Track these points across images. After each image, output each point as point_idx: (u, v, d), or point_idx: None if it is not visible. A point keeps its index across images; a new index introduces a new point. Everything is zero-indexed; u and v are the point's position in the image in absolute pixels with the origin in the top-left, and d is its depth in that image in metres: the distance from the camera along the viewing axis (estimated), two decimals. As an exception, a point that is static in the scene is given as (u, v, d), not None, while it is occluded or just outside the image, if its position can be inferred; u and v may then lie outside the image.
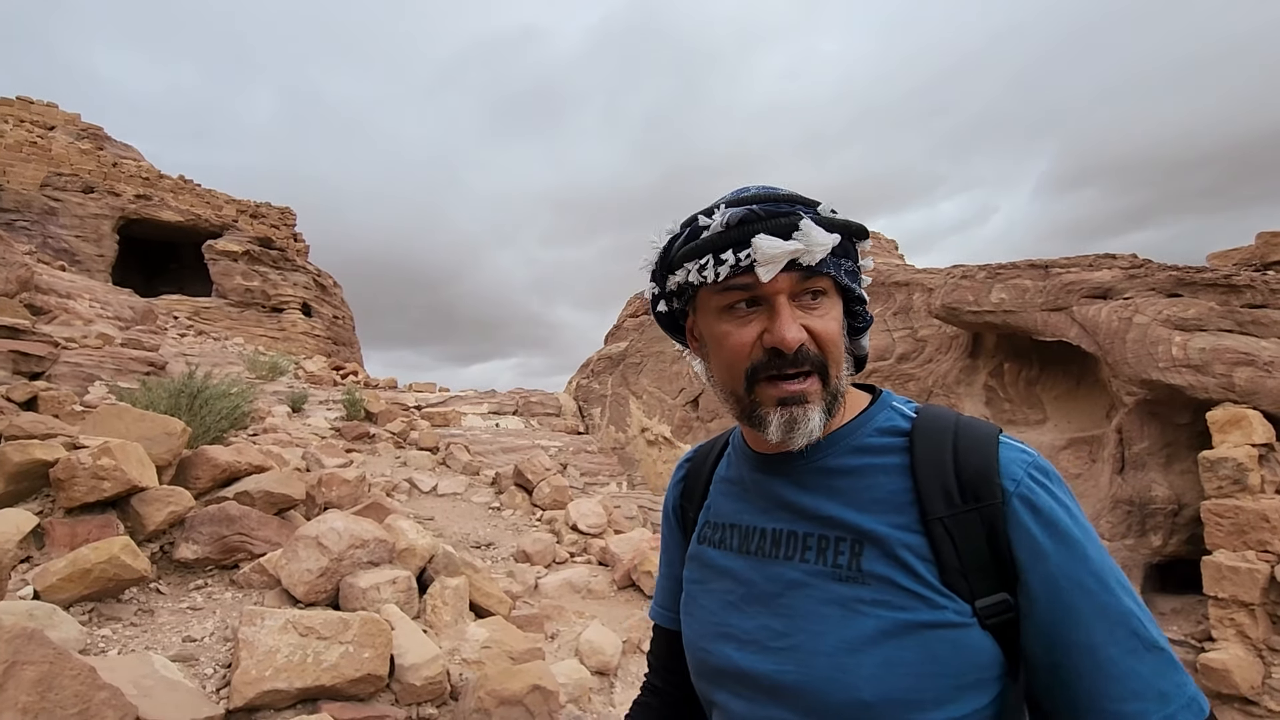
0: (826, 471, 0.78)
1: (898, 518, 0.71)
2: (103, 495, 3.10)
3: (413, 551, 3.78)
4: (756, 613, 0.77)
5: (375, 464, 8.21)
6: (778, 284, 0.71)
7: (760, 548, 0.80)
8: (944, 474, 0.71)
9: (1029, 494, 0.69)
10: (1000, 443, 0.73)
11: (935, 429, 0.75)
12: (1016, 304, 8.67)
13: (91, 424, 3.94)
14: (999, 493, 0.69)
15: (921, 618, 0.67)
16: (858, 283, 0.78)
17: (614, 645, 4.00)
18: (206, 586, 3.19)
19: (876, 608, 0.68)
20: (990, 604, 0.67)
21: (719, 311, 0.76)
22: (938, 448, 0.73)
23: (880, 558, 0.70)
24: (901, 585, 0.68)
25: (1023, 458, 0.72)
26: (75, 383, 8.12)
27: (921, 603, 0.67)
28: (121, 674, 2.16)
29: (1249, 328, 6.81)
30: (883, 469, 0.75)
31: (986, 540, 0.68)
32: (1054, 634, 0.66)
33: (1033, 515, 0.68)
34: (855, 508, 0.74)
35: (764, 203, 0.72)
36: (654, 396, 14.69)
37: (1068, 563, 0.67)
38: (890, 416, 0.79)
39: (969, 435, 0.73)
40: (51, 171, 24.86)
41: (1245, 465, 6.18)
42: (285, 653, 2.45)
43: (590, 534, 6.56)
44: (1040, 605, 0.67)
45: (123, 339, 11.60)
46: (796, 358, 0.71)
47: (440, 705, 2.77)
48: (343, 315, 32.47)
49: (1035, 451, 0.74)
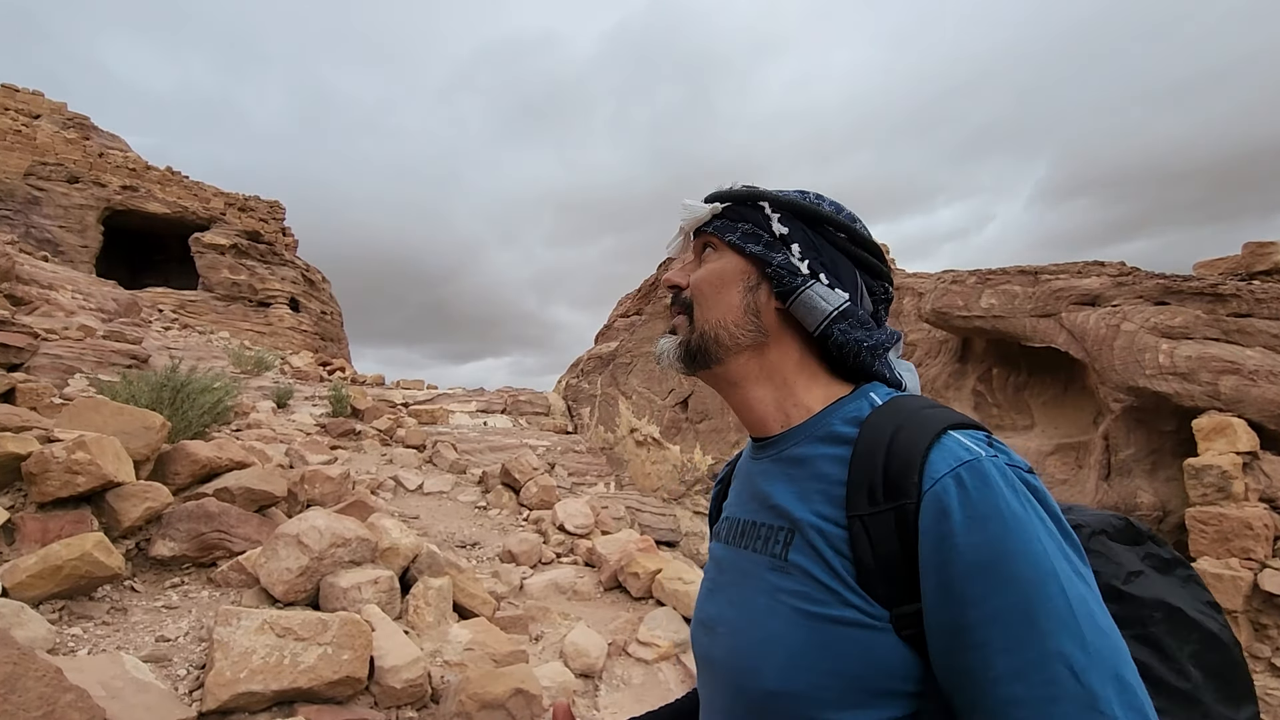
0: (789, 460, 0.78)
1: (827, 509, 0.69)
2: (77, 490, 3.02)
3: (396, 551, 3.73)
4: (717, 600, 0.80)
5: (360, 461, 8.12)
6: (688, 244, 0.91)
7: (734, 537, 0.82)
8: (873, 468, 0.66)
9: (943, 496, 0.61)
10: (940, 438, 0.65)
11: (885, 419, 0.70)
12: (1006, 310, 8.71)
13: (68, 417, 3.86)
14: (915, 491, 0.63)
15: (831, 613, 0.64)
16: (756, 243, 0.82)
17: (599, 647, 3.96)
18: (183, 585, 3.12)
19: (794, 599, 0.68)
20: (906, 612, 0.62)
21: None
22: (877, 439, 0.68)
23: (804, 548, 0.69)
24: (818, 578, 0.67)
25: (958, 454, 0.63)
26: (55, 375, 7.98)
27: (834, 599, 0.65)
28: (90, 675, 2.09)
29: (1235, 336, 6.86)
30: (829, 459, 0.72)
31: (900, 544, 0.63)
32: (949, 656, 0.60)
33: (938, 521, 0.60)
34: (796, 497, 0.73)
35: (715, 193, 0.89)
36: (643, 397, 14.65)
37: (976, 577, 0.58)
38: (859, 406, 0.75)
39: (910, 427, 0.67)
40: (36, 160, 24.50)
41: (1230, 473, 6.22)
42: (262, 654, 2.39)
43: (577, 534, 6.51)
44: (932, 622, 0.60)
45: (105, 331, 11.42)
46: (673, 299, 0.87)
47: (421, 708, 2.72)
48: (331, 311, 32.22)
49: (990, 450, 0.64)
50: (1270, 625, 5.87)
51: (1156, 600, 0.70)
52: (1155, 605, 0.70)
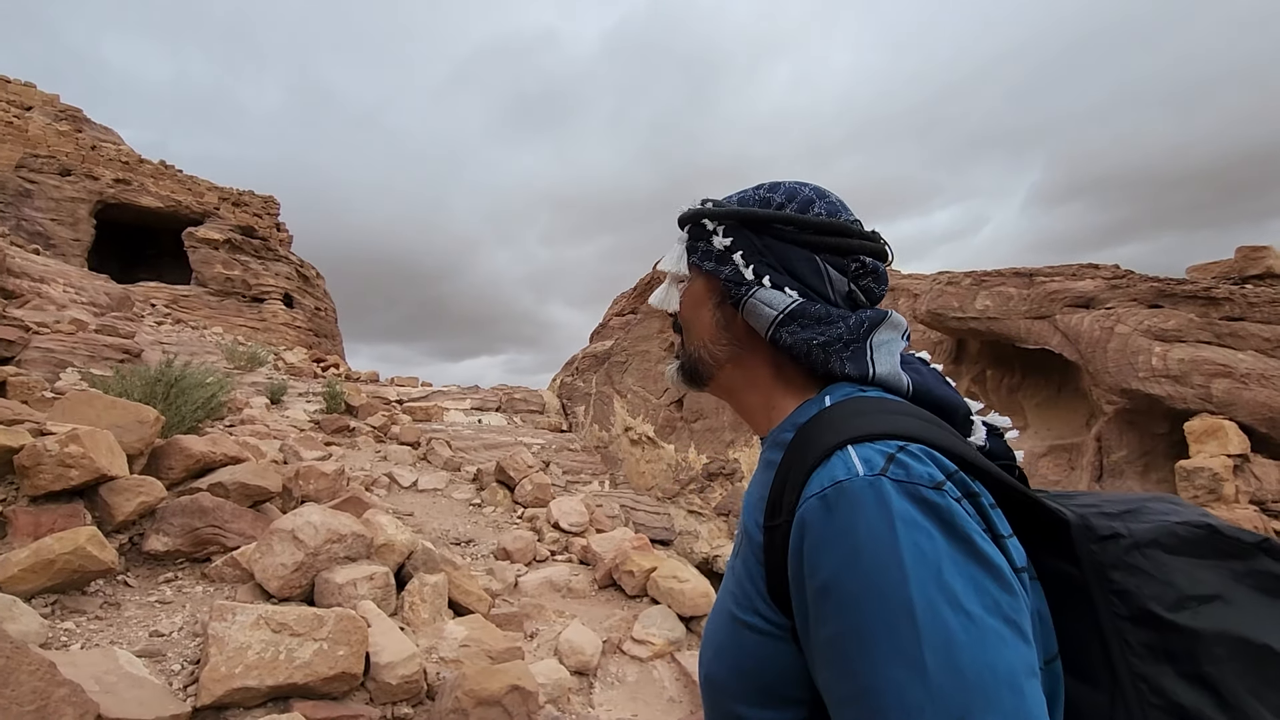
0: (761, 463, 0.80)
1: (760, 517, 0.70)
2: (70, 484, 3.00)
3: (391, 547, 3.71)
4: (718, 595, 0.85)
5: (355, 458, 8.10)
6: None
7: None
8: (782, 480, 0.67)
9: (806, 517, 0.59)
10: (831, 455, 0.62)
11: (812, 428, 0.69)
12: (1001, 311, 8.74)
13: (60, 410, 3.83)
14: (789, 511, 0.62)
15: (742, 616, 0.68)
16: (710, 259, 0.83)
17: (594, 645, 3.96)
18: (176, 580, 3.10)
19: (729, 599, 0.72)
20: None
21: None
22: (796, 450, 0.68)
23: (743, 552, 0.73)
24: (743, 582, 0.70)
25: (834, 474, 0.59)
26: (46, 369, 7.92)
27: (747, 604, 0.68)
28: (83, 669, 2.08)
29: (1227, 340, 6.91)
30: (774, 465, 0.72)
31: (783, 558, 0.63)
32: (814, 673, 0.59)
33: (799, 541, 0.60)
34: (753, 502, 0.75)
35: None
36: (638, 396, 14.64)
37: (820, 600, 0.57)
38: (809, 410, 0.74)
39: (815, 439, 0.65)
40: (27, 153, 24.30)
41: (1221, 475, 6.27)
42: (257, 649, 2.37)
43: (572, 532, 6.50)
44: (801, 639, 0.61)
45: (97, 325, 11.34)
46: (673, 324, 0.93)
47: (416, 705, 2.71)
48: (325, 307, 32.10)
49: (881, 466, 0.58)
50: (1260, 626, 5.93)
51: (1221, 634, 0.56)
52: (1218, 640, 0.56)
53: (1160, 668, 0.56)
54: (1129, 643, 0.58)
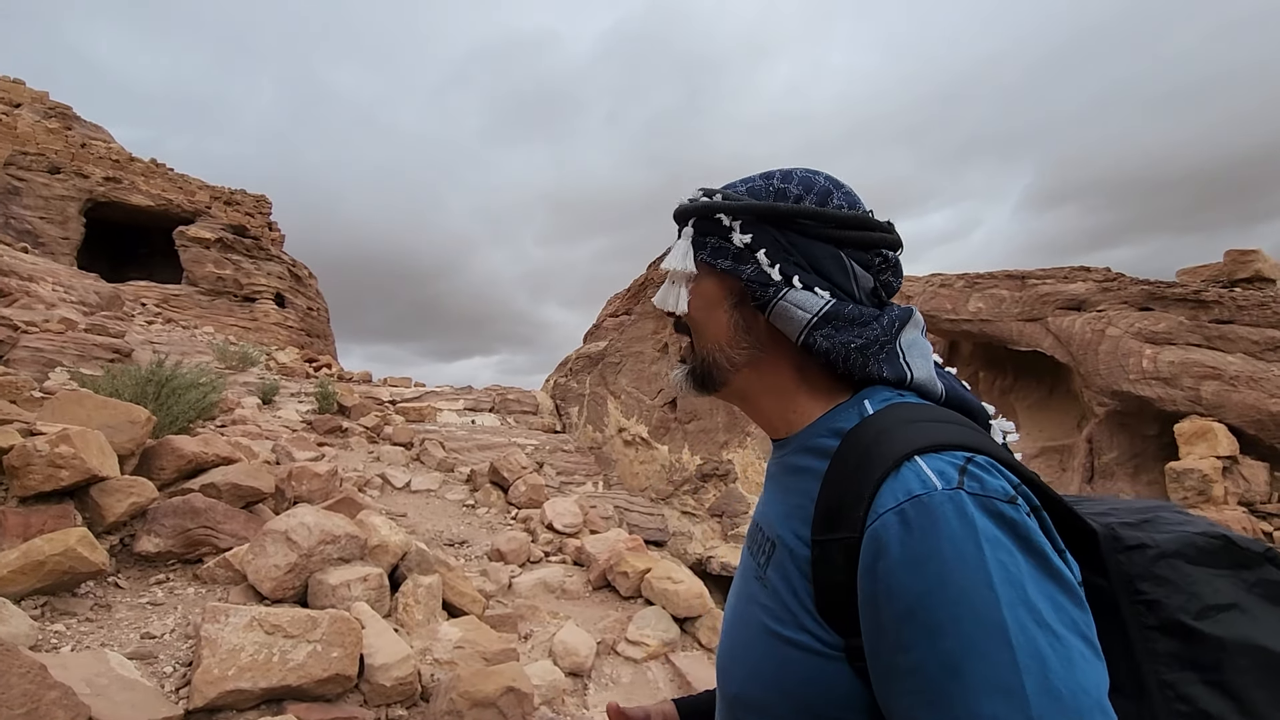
0: (786, 468, 0.76)
1: (801, 529, 0.67)
2: (60, 484, 2.97)
3: (385, 548, 3.70)
4: (730, 604, 0.81)
5: (347, 459, 8.05)
6: None
7: (749, 538, 0.83)
8: (835, 492, 0.64)
9: (882, 534, 0.56)
10: (900, 467, 0.59)
11: (864, 435, 0.66)
12: (993, 313, 8.79)
13: (50, 410, 3.79)
14: (859, 526, 0.59)
15: (786, 634, 0.64)
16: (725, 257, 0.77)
17: (588, 646, 3.95)
18: (168, 581, 3.07)
19: (763, 613, 0.68)
20: (857, 645, 0.59)
21: None
22: (848, 459, 0.65)
23: (778, 564, 0.68)
24: (783, 597, 0.66)
25: (910, 487, 0.57)
26: (35, 368, 7.84)
27: (792, 621, 0.64)
28: (74, 672, 2.06)
29: (1216, 342, 6.96)
30: (811, 474, 0.69)
31: (845, 576, 0.60)
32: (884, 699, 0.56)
33: (875, 560, 0.56)
34: (783, 511, 0.72)
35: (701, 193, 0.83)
36: (632, 397, 14.64)
37: (904, 624, 0.54)
38: (847, 416, 0.71)
39: (877, 448, 0.62)
40: (16, 150, 24.08)
41: (1210, 476, 6.32)
42: (250, 651, 2.36)
43: (566, 533, 6.49)
44: (870, 663, 0.57)
45: (86, 324, 11.24)
46: (676, 323, 0.86)
47: (411, 706, 2.70)
48: (317, 306, 31.94)
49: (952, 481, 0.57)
50: (1248, 627, 5.99)
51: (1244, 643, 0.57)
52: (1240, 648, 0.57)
53: (1186, 675, 0.56)
54: (1156, 651, 0.58)
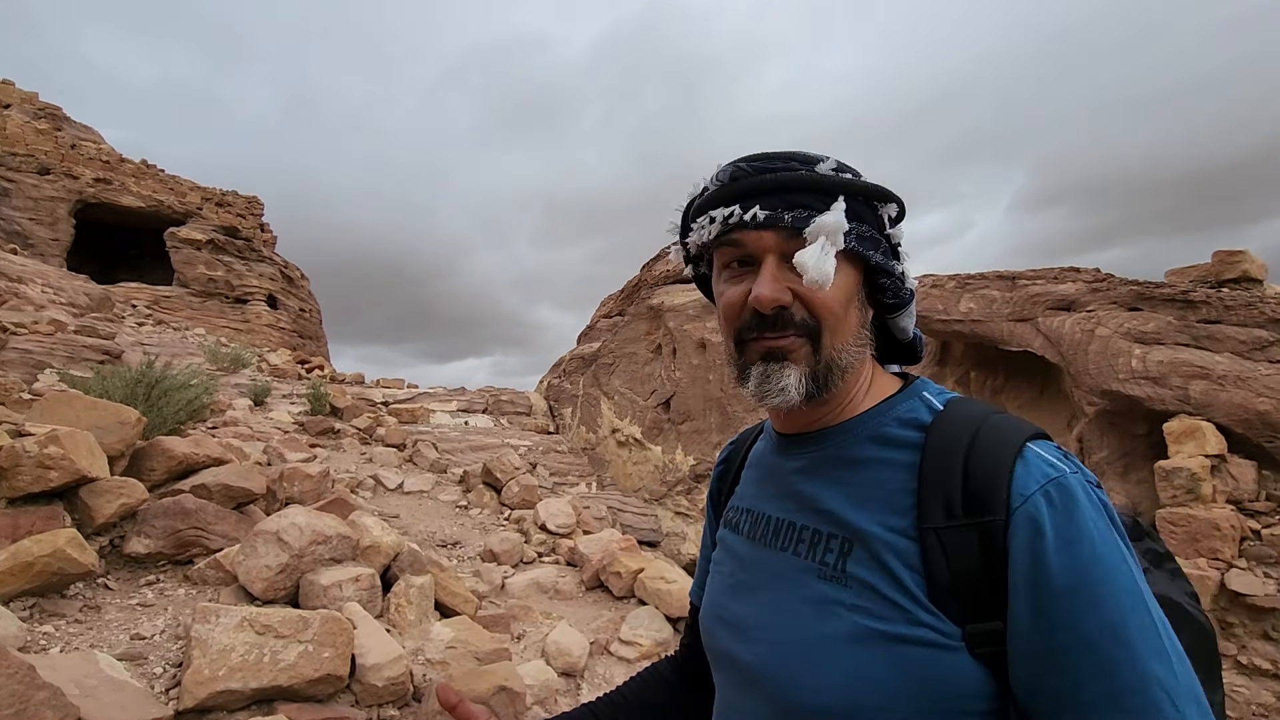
0: (836, 461, 0.73)
1: (894, 520, 0.65)
2: (49, 485, 2.96)
3: (377, 549, 3.69)
4: (746, 600, 0.75)
5: (340, 460, 8.03)
6: (763, 241, 0.69)
7: (765, 535, 0.77)
8: (950, 479, 0.63)
9: (1035, 514, 0.59)
10: (1024, 450, 0.63)
11: (955, 426, 0.67)
12: (984, 314, 8.84)
13: (39, 411, 3.77)
14: (1002, 508, 0.60)
15: (899, 631, 0.61)
16: (876, 249, 0.71)
17: (581, 646, 3.96)
18: (158, 582, 3.06)
19: (854, 613, 0.64)
20: (982, 630, 0.60)
21: (719, 271, 0.76)
22: (951, 448, 0.65)
23: (866, 560, 0.65)
24: (883, 594, 0.63)
25: (1045, 471, 0.61)
26: (24, 370, 7.78)
27: (901, 615, 0.61)
28: (63, 673, 2.05)
29: (1204, 342, 7.02)
30: (890, 464, 0.68)
31: (982, 560, 0.60)
32: (1035, 678, 0.58)
33: (1031, 541, 0.58)
34: (853, 503, 0.69)
35: (759, 160, 0.71)
36: (625, 398, 14.65)
37: (1067, 600, 0.57)
38: (914, 407, 0.72)
39: (988, 438, 0.64)
40: (5, 151, 23.88)
41: (1198, 475, 6.37)
42: (241, 651, 2.35)
43: (559, 534, 6.49)
44: (1021, 641, 0.58)
45: (76, 326, 11.17)
46: (776, 319, 0.68)
47: (402, 706, 2.69)
48: (309, 308, 31.80)
49: (1070, 465, 0.62)
50: (1236, 624, 6.02)
51: (1161, 596, 0.66)
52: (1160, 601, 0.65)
53: None
54: None
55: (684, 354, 13.05)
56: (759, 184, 0.69)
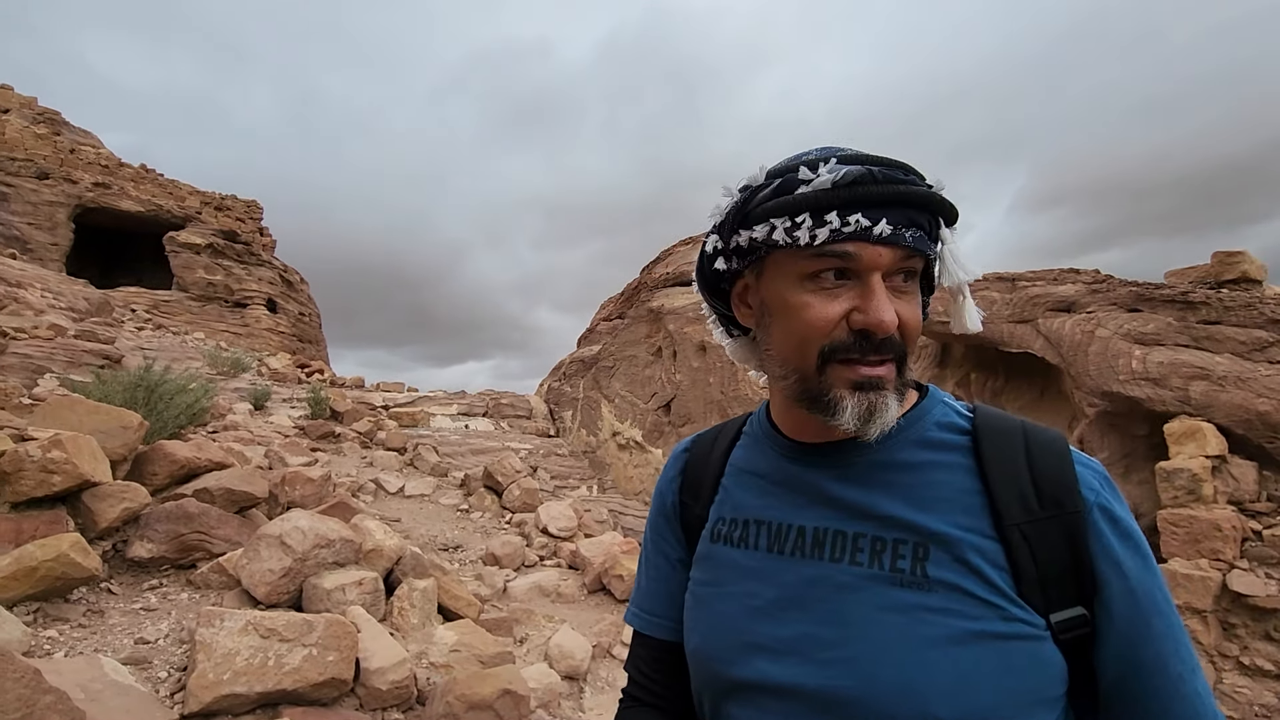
0: (884, 465, 0.71)
1: (968, 520, 0.66)
2: (52, 490, 2.95)
3: (380, 552, 3.69)
4: (795, 619, 0.69)
5: (341, 464, 8.02)
6: (881, 259, 0.65)
7: (798, 547, 0.72)
8: (1019, 479, 0.67)
9: (1108, 506, 0.67)
10: (1068, 447, 0.71)
11: (1002, 430, 0.72)
12: (984, 316, 8.86)
13: (41, 416, 3.77)
14: (1080, 502, 0.66)
15: (996, 628, 0.62)
16: None
17: (584, 649, 3.95)
18: (161, 587, 3.06)
19: (946, 616, 0.62)
20: (1066, 618, 0.64)
21: (801, 279, 0.68)
22: (1009, 450, 0.69)
23: (950, 563, 0.64)
24: (973, 593, 0.63)
25: (1097, 469, 0.70)
26: (24, 374, 7.78)
27: (995, 612, 0.62)
28: (69, 677, 2.04)
29: (1204, 343, 7.04)
30: (945, 466, 0.70)
31: (1068, 549, 0.65)
32: (1129, 651, 0.65)
33: (1113, 528, 0.66)
34: (918, 507, 0.68)
35: (880, 165, 0.66)
36: (626, 400, 14.65)
37: (1145, 579, 0.66)
38: (946, 411, 0.75)
39: (1041, 441, 0.70)
40: (4, 155, 23.89)
41: (1199, 476, 6.38)
42: (245, 655, 2.35)
43: (560, 537, 6.49)
44: (1118, 621, 0.65)
45: (76, 330, 11.17)
46: (884, 343, 0.66)
47: (407, 710, 2.69)
48: (309, 312, 31.81)
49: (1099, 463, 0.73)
50: (1238, 625, 6.02)
51: None
52: None
53: None
54: None
55: (684, 356, 13.05)
56: (888, 195, 0.65)
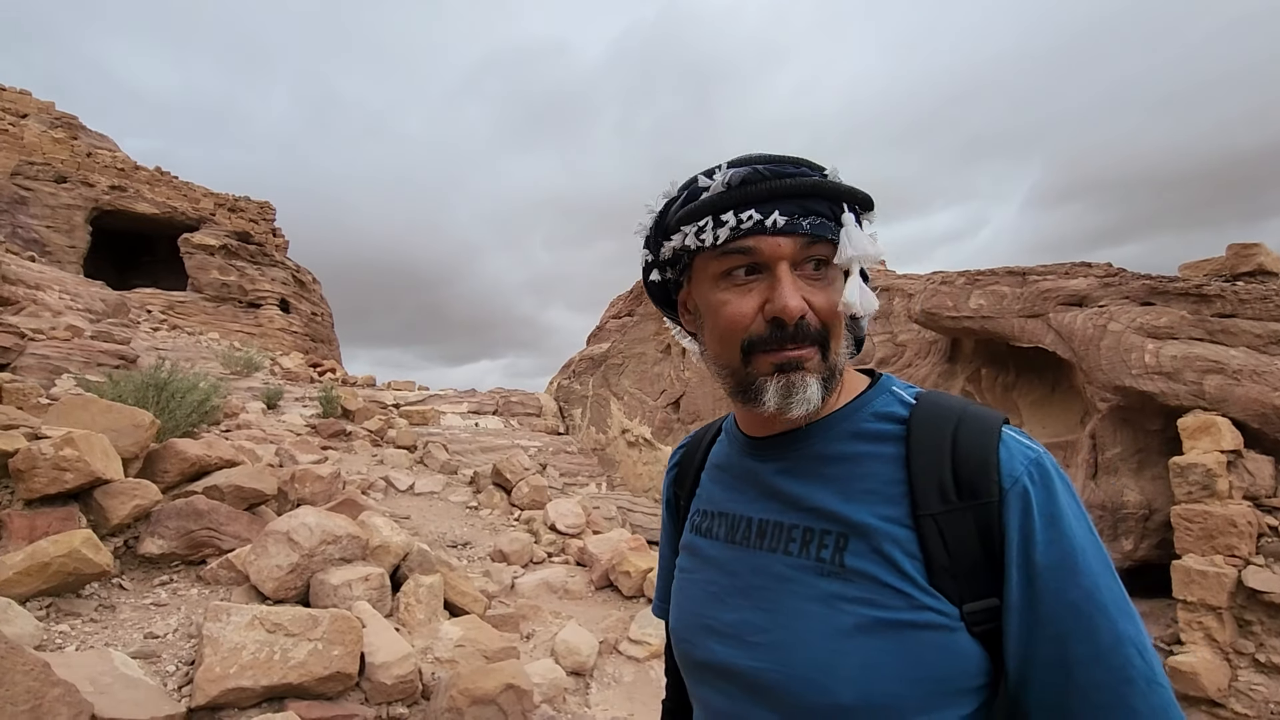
0: (819, 458, 0.73)
1: (887, 510, 0.67)
2: (64, 487, 3.00)
3: (386, 549, 3.72)
4: (738, 605, 0.73)
5: (351, 462, 8.09)
6: (781, 249, 0.68)
7: (746, 537, 0.76)
8: (940, 467, 0.66)
9: (1025, 495, 0.64)
10: (1002, 435, 0.67)
11: (935, 417, 0.70)
12: (994, 310, 8.78)
13: (55, 415, 3.83)
14: (995, 490, 0.64)
15: (904, 617, 0.63)
16: None
17: (590, 646, 3.97)
18: (172, 582, 3.10)
19: (858, 605, 0.64)
20: (979, 608, 0.63)
21: (715, 279, 0.72)
22: (936, 438, 0.68)
23: (866, 552, 0.66)
24: (885, 582, 0.64)
25: (1025, 453, 0.66)
26: (42, 375, 7.91)
27: (905, 601, 0.63)
28: (78, 670, 2.08)
29: (1219, 336, 6.94)
30: (877, 457, 0.70)
31: (979, 540, 0.63)
32: (1027, 648, 0.62)
33: (1023, 517, 0.63)
34: (844, 498, 0.69)
35: (769, 163, 0.69)
36: (635, 398, 14.67)
37: (1054, 572, 0.61)
38: (888, 401, 0.74)
39: (970, 426, 0.68)
40: (22, 160, 24.26)
41: (1214, 471, 6.29)
42: (252, 649, 2.38)
43: (568, 534, 6.51)
44: (1014, 614, 0.62)
45: (93, 331, 11.33)
46: (796, 330, 0.68)
47: (411, 704, 2.71)
48: (321, 312, 32.07)
49: (1040, 447, 0.68)
50: (1254, 621, 5.94)
51: None
52: None
53: None
54: None
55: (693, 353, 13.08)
56: (775, 189, 0.68)
